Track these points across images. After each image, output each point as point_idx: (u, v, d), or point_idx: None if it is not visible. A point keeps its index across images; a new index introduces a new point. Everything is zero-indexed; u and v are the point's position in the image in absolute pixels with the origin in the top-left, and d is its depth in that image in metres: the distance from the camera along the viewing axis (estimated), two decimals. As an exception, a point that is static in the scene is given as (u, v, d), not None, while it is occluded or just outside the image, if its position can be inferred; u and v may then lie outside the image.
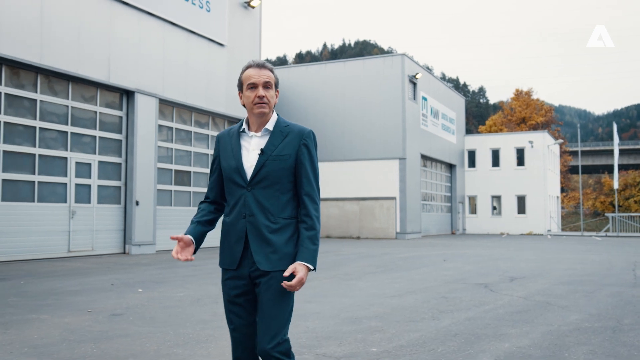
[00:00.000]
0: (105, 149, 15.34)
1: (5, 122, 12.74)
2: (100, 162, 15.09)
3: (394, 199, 28.30)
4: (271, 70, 2.69)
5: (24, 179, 13.12)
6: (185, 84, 17.56)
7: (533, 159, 38.04)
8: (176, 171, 17.74)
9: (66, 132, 14.22)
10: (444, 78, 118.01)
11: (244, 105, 2.70)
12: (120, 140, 15.77)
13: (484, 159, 39.17)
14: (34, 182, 13.32)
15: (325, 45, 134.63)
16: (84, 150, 14.70)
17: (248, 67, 2.68)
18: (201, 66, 18.23)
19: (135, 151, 15.63)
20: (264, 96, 2.63)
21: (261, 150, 2.63)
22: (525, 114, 57.65)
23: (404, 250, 18.67)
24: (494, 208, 39.13)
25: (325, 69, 30.62)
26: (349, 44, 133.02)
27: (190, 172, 18.32)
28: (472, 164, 39.47)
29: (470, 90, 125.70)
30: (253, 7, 20.44)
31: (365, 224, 28.78)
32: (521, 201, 38.22)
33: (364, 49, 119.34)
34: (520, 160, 38.56)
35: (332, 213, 29.27)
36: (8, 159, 12.79)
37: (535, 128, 55.45)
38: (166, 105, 17.31)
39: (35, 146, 13.40)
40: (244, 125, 2.73)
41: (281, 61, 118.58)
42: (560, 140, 42.55)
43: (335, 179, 29.17)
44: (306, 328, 5.84)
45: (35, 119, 13.43)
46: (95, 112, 15.05)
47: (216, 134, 19.18)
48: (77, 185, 14.40)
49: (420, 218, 30.32)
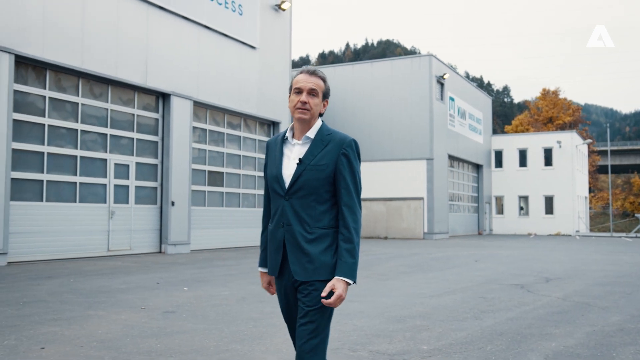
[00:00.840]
0: (142, 150, 15.72)
1: (49, 125, 13.17)
2: (137, 164, 15.48)
3: (421, 199, 28.36)
4: (322, 80, 2.70)
5: (67, 180, 13.53)
6: (218, 86, 17.88)
7: (561, 159, 37.73)
8: (209, 172, 18.08)
9: (105, 135, 14.62)
10: (467, 77, 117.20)
11: (290, 109, 2.71)
12: (157, 142, 16.15)
13: (511, 159, 38.96)
14: (75, 183, 13.73)
15: (348, 45, 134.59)
16: (122, 151, 15.09)
17: (300, 73, 2.70)
18: (233, 68, 18.54)
19: (170, 152, 15.98)
20: (306, 102, 2.63)
21: (299, 159, 2.63)
22: (552, 113, 57.07)
23: (433, 251, 18.76)
24: (521, 208, 38.89)
25: (352, 70, 30.78)
26: (372, 44, 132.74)
27: (222, 173, 18.64)
28: (499, 164, 39.28)
29: (495, 89, 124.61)
30: (284, 10, 20.70)
31: (393, 224, 28.88)
32: (549, 201, 37.93)
33: (386, 49, 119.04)
34: (548, 160, 38.26)
35: (360, 213, 29.37)
36: (52, 161, 13.21)
37: (562, 128, 54.88)
38: (200, 108, 17.65)
39: (77, 148, 13.81)
40: (289, 132, 2.74)
41: (304, 61, 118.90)
42: (589, 140, 42.12)
43: (362, 180, 29.20)
44: (354, 326, 6.04)
45: (77, 121, 13.84)
46: (133, 115, 15.44)
47: (247, 135, 19.51)
48: (116, 186, 14.79)
49: (447, 218, 30.32)
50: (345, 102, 30.02)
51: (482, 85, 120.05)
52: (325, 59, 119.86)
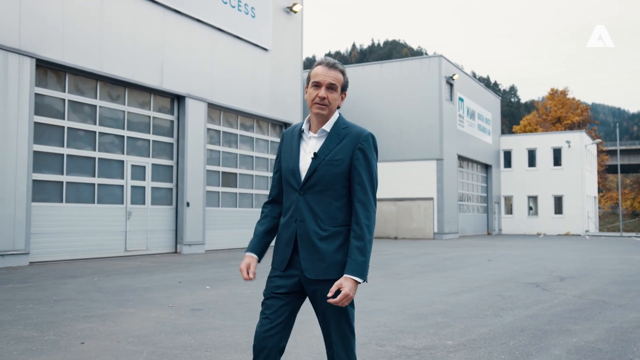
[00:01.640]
0: (158, 152, 15.95)
1: (68, 128, 13.41)
2: (153, 165, 15.70)
3: (431, 199, 28.49)
4: (342, 73, 2.62)
5: (85, 181, 13.77)
6: (232, 88, 18.09)
7: (570, 159, 37.77)
8: (223, 173, 18.29)
9: (122, 136, 14.85)
10: (474, 77, 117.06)
11: (307, 101, 2.64)
12: (172, 144, 16.37)
13: (520, 159, 39.03)
14: (94, 185, 13.97)
15: (354, 46, 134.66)
16: (138, 153, 15.32)
17: (319, 64, 2.62)
18: (246, 70, 18.74)
19: (185, 154, 16.20)
20: (325, 97, 2.56)
21: (314, 154, 2.57)
22: (560, 113, 57.04)
23: (445, 251, 18.89)
24: (530, 208, 38.94)
25: (362, 71, 30.94)
26: (378, 44, 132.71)
27: (236, 174, 18.85)
28: (508, 164, 39.35)
29: (501, 89, 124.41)
30: (295, 12, 20.90)
31: (403, 225, 29.02)
32: (558, 201, 37.96)
33: (393, 49, 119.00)
34: (557, 160, 38.31)
35: (370, 213, 29.57)
36: (71, 163, 13.45)
37: (571, 127, 54.85)
38: (214, 109, 17.87)
39: (95, 150, 14.05)
40: (305, 125, 2.68)
41: (310, 62, 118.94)
42: (599, 140, 42.13)
43: (372, 180, 29.46)
44: (378, 323, 6.21)
45: (95, 124, 14.08)
46: (149, 117, 15.68)
47: (260, 136, 19.71)
48: (133, 187, 15.02)
49: (457, 218, 30.43)
50: (355, 103, 30.18)
51: (489, 85, 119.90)
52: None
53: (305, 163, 2.59)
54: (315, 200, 2.55)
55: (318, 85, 2.58)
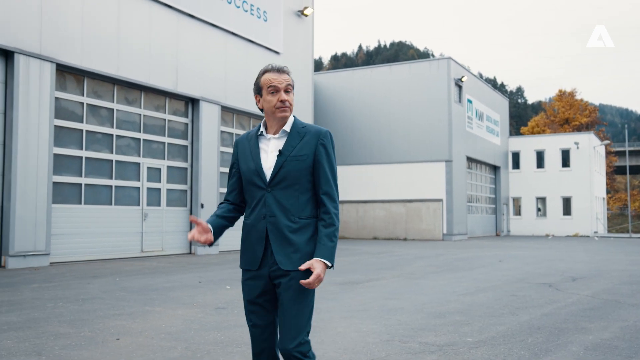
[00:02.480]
0: (173, 154, 16.21)
1: (87, 131, 13.67)
2: (168, 167, 15.96)
3: (440, 200, 28.65)
4: (289, 74, 2.75)
5: (103, 183, 14.03)
6: (244, 91, 18.33)
7: (579, 160, 37.84)
8: (236, 175, 18.51)
9: (139, 139, 15.11)
10: (481, 78, 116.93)
11: (262, 109, 2.75)
12: (186, 146, 16.63)
13: (528, 160, 39.12)
14: (111, 186, 14.23)
15: (360, 47, 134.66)
16: (154, 155, 15.58)
17: (267, 71, 2.73)
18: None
19: (200, 156, 16.45)
20: (286, 100, 2.68)
21: (279, 151, 2.67)
22: (568, 114, 57.04)
23: (456, 252, 19.06)
24: (539, 209, 39.01)
25: (371, 73, 31.14)
26: (385, 45, 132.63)
27: (248, 176, 19.06)
28: (517, 165, 39.45)
29: (508, 90, 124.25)
30: (306, 16, 21.14)
31: (412, 226, 29.18)
32: (567, 203, 38.02)
33: (399, 50, 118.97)
34: (565, 162, 38.37)
35: (379, 215, 29.77)
36: (89, 165, 13.72)
37: (579, 129, 54.83)
38: (227, 112, 18.12)
39: (112, 152, 14.31)
40: (262, 129, 2.78)
41: (316, 64, 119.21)
42: (607, 141, 42.21)
43: (381, 181, 29.69)
44: (398, 321, 6.40)
45: (112, 127, 14.34)
46: (164, 120, 15.93)
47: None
48: (149, 189, 15.28)
49: (466, 220, 30.57)
50: (364, 105, 30.39)
51: (496, 86, 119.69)
52: (338, 61, 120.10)
53: (269, 161, 2.69)
54: (283, 195, 2.65)
55: (276, 90, 2.68)
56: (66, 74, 13.28)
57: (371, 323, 6.25)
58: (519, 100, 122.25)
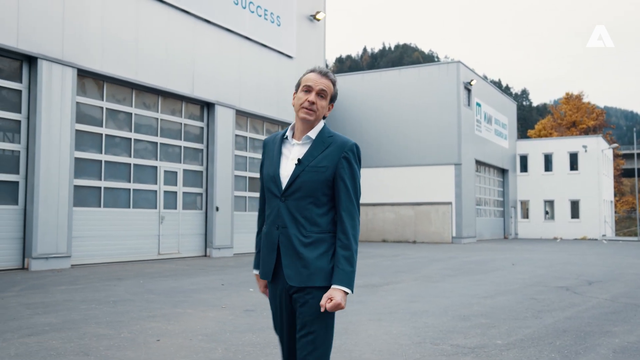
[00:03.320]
0: (189, 158, 16.39)
1: (106, 135, 13.87)
2: (184, 170, 16.14)
3: (449, 203, 28.76)
4: (333, 83, 2.61)
5: (122, 186, 14.22)
6: (258, 95, 18.51)
7: (587, 163, 37.90)
8: (250, 178, 18.70)
9: (156, 143, 15.30)
10: (486, 80, 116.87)
11: (294, 106, 2.63)
12: (202, 150, 16.81)
13: (536, 163, 39.20)
14: (129, 190, 14.42)
15: (365, 50, 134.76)
16: (170, 159, 15.77)
17: (311, 71, 2.62)
18: (272, 77, 19.17)
19: (215, 160, 16.63)
20: (314, 102, 2.55)
21: (298, 160, 2.53)
22: (575, 117, 57.08)
23: (467, 255, 19.17)
24: (547, 212, 39.08)
25: (380, 77, 31.30)
26: (389, 48, 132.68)
27: (261, 179, 19.23)
28: (524, 168, 39.53)
29: (513, 92, 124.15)
30: (318, 20, 21.32)
31: (421, 229, 29.31)
32: (575, 206, 38.08)
33: (404, 53, 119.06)
34: (573, 165, 38.44)
35: (388, 218, 29.91)
36: (108, 169, 13.91)
37: (586, 132, 54.86)
38: (241, 116, 18.30)
39: (130, 156, 14.50)
40: (289, 132, 2.66)
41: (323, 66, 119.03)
42: (615, 145, 42.25)
43: (391, 185, 29.83)
44: (425, 324, 6.55)
45: (130, 131, 14.54)
46: (181, 124, 16.13)
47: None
48: (165, 192, 15.46)
49: (475, 223, 30.68)
50: (374, 109, 30.54)
51: (501, 89, 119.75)
52: (343, 63, 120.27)
53: (286, 169, 2.56)
54: (297, 206, 2.52)
55: (309, 89, 2.56)
56: (86, 78, 13.47)
57: (399, 326, 6.40)
58: (524, 103, 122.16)
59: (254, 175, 18.91)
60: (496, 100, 36.25)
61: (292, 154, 2.58)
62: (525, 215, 39.43)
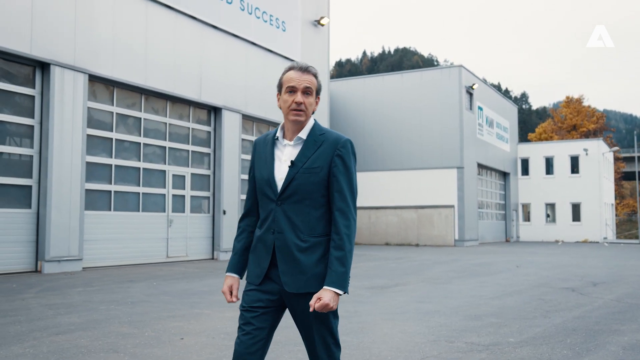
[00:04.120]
0: (196, 162, 16.59)
1: (116, 139, 14.07)
2: (192, 174, 16.34)
3: (452, 207, 28.96)
4: (315, 76, 2.55)
5: (131, 190, 14.41)
6: (264, 100, 18.72)
7: (588, 166, 38.12)
8: (256, 182, 18.88)
9: (164, 147, 15.50)
10: (486, 83, 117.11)
11: (280, 108, 2.56)
12: (209, 154, 17.01)
13: (537, 166, 39.43)
14: (139, 194, 14.61)
15: (365, 53, 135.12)
16: (179, 163, 15.97)
17: (291, 69, 2.54)
18: (277, 82, 19.33)
19: (222, 164, 16.83)
20: (301, 102, 2.48)
21: (291, 162, 2.46)
22: (576, 121, 57.35)
23: (471, 257, 19.35)
24: (548, 215, 39.28)
25: (382, 80, 31.53)
26: (389, 52, 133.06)
27: (267, 183, 19.43)
28: (526, 171, 39.75)
29: (513, 96, 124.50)
30: (322, 25, 21.56)
31: (424, 232, 29.50)
32: (576, 209, 38.28)
33: (403, 56, 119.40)
34: (574, 168, 38.66)
35: (391, 221, 30.10)
36: (118, 173, 14.11)
37: (586, 135, 55.13)
38: (247, 120, 18.51)
39: (140, 160, 14.70)
40: (279, 132, 2.58)
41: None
42: (616, 148, 42.50)
43: (393, 188, 30.03)
44: (438, 323, 6.73)
45: (140, 135, 14.74)
46: (189, 128, 16.33)
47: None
48: (174, 196, 15.66)
49: (477, 226, 30.87)
50: (376, 113, 30.76)
51: (501, 92, 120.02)
52: (343, 67, 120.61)
53: (281, 172, 2.49)
54: (293, 210, 2.45)
55: (293, 90, 2.49)
56: (97, 84, 13.68)
57: (413, 325, 6.58)
58: (524, 106, 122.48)
59: (260, 179, 19.08)
60: (497, 103, 36.50)
61: (285, 155, 2.51)
62: (527, 218, 39.63)
